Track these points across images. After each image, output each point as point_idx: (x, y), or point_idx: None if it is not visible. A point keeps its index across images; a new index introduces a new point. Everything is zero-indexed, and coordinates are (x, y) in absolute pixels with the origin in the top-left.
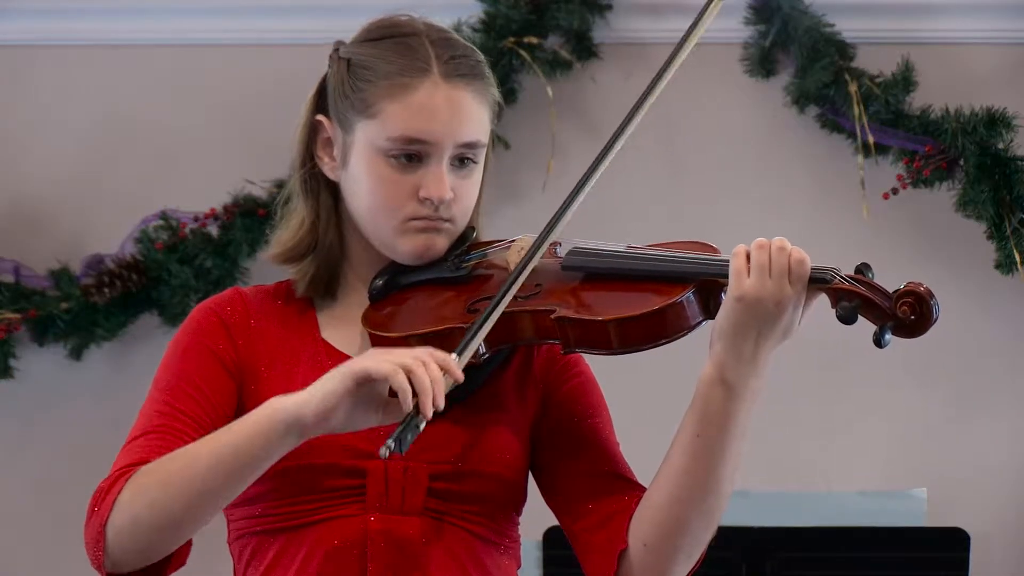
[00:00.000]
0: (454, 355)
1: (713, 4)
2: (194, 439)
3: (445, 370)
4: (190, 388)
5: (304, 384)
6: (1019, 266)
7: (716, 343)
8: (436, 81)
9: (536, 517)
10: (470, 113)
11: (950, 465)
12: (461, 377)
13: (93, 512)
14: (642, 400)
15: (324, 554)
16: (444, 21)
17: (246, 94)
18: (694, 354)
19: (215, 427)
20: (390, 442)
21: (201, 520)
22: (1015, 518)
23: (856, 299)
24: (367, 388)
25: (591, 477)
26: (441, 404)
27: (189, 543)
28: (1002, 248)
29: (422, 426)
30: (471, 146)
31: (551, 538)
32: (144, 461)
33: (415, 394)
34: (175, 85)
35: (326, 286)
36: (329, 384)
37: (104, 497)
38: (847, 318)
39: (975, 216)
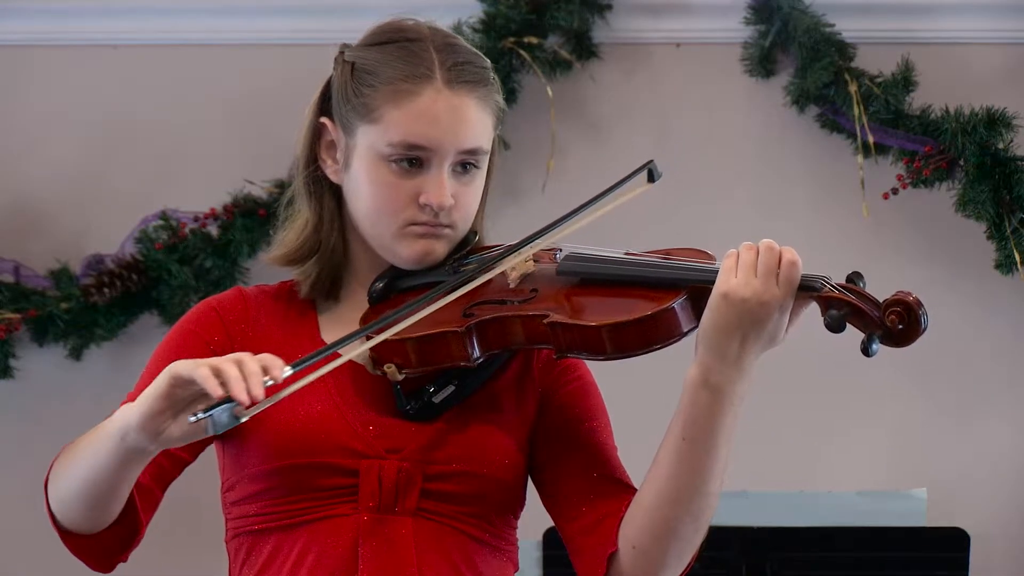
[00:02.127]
0: (288, 367)
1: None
2: None
3: (266, 371)
4: None
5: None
6: (1019, 266)
7: (701, 344)
8: (439, 88)
9: (536, 518)
10: (472, 120)
11: (950, 465)
12: (279, 377)
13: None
14: (634, 405)
15: (317, 553)
16: (444, 21)
17: (246, 94)
18: (687, 359)
19: None
20: (199, 413)
21: (96, 508)
22: (1015, 518)
23: (845, 307)
24: (184, 391)
25: (586, 480)
26: (258, 394)
27: (139, 528)
28: (1002, 248)
29: (242, 415)
30: (473, 153)
31: (551, 539)
32: None
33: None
34: (175, 85)
35: (329, 288)
36: (148, 390)
37: (53, 460)
38: (835, 326)
39: (975, 216)
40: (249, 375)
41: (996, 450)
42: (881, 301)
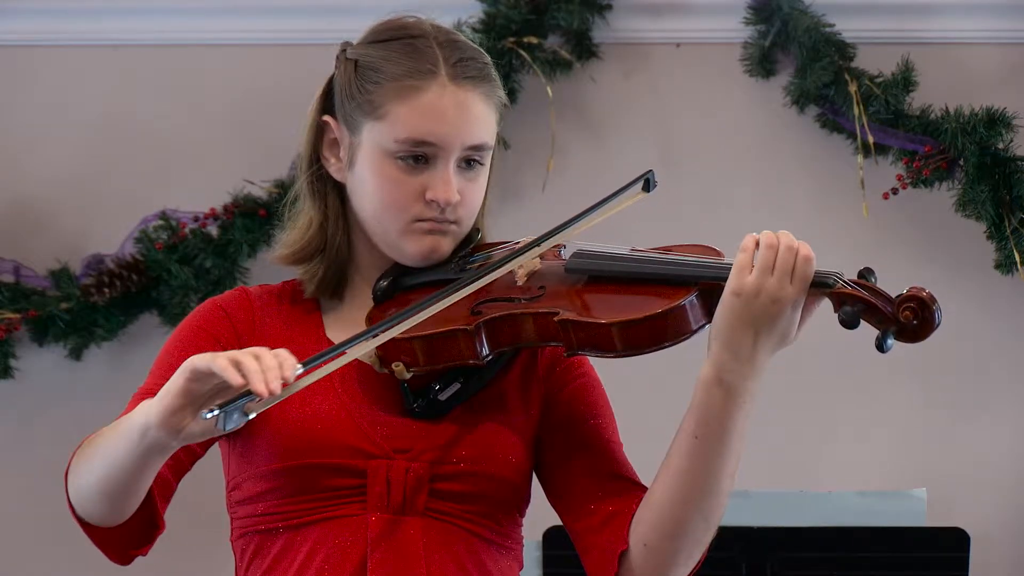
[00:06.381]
0: (299, 365)
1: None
2: None
3: (281, 366)
4: None
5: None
6: (1019, 266)
7: (714, 342)
8: (444, 83)
9: (536, 517)
10: (478, 115)
11: (950, 465)
12: (290, 375)
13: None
14: (644, 402)
15: (325, 553)
16: (444, 21)
17: (246, 94)
18: (697, 356)
19: None
20: (214, 409)
21: (116, 503)
22: (1015, 518)
23: (859, 304)
24: (202, 384)
25: (593, 478)
26: (276, 387)
27: (158, 521)
28: (1002, 248)
29: (251, 412)
30: (478, 148)
31: (551, 538)
32: None
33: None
34: (175, 85)
35: (333, 287)
36: (167, 386)
37: (73, 452)
38: (849, 323)
39: (975, 216)
40: (267, 368)
41: (996, 450)
42: (894, 297)
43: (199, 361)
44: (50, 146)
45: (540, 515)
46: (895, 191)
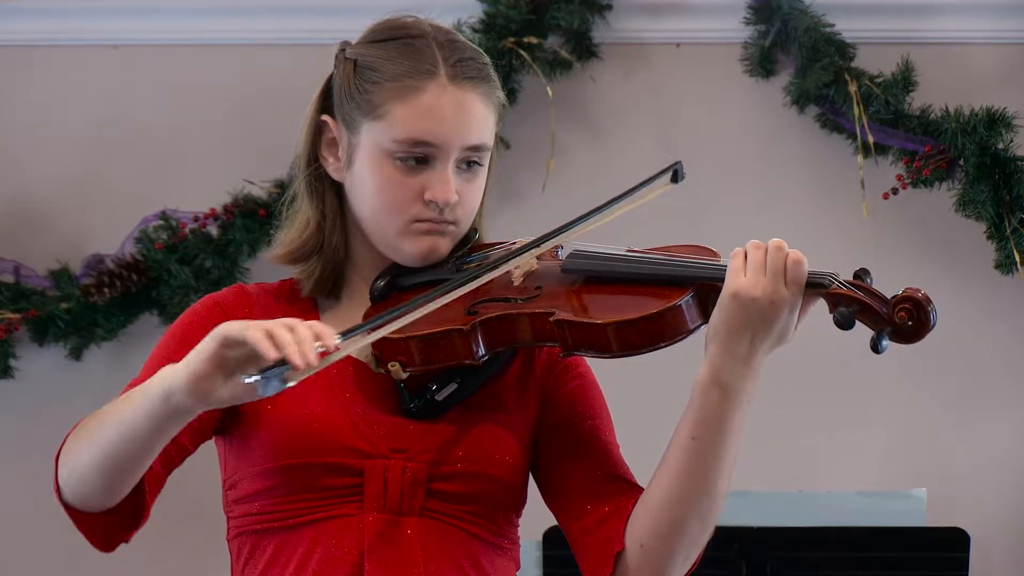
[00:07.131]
0: (338, 335)
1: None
2: None
3: (318, 337)
4: None
5: (304, 385)
6: (1019, 266)
7: (711, 343)
8: (443, 84)
9: (536, 517)
10: (477, 116)
11: (950, 465)
12: (331, 344)
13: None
14: (641, 402)
15: (322, 553)
16: (444, 21)
17: (246, 94)
18: (694, 356)
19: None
20: (255, 374)
21: (116, 479)
22: (1015, 518)
23: (854, 304)
24: (234, 352)
25: (589, 478)
26: (312, 359)
27: (144, 511)
28: (1002, 248)
29: (290, 380)
30: (477, 149)
31: (551, 538)
32: None
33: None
34: (175, 85)
35: (331, 286)
36: (195, 352)
37: (66, 436)
38: (844, 323)
39: (975, 216)
40: (302, 340)
41: (996, 450)
42: (890, 298)
43: (232, 329)
44: (50, 146)
45: (540, 515)
46: (895, 191)
